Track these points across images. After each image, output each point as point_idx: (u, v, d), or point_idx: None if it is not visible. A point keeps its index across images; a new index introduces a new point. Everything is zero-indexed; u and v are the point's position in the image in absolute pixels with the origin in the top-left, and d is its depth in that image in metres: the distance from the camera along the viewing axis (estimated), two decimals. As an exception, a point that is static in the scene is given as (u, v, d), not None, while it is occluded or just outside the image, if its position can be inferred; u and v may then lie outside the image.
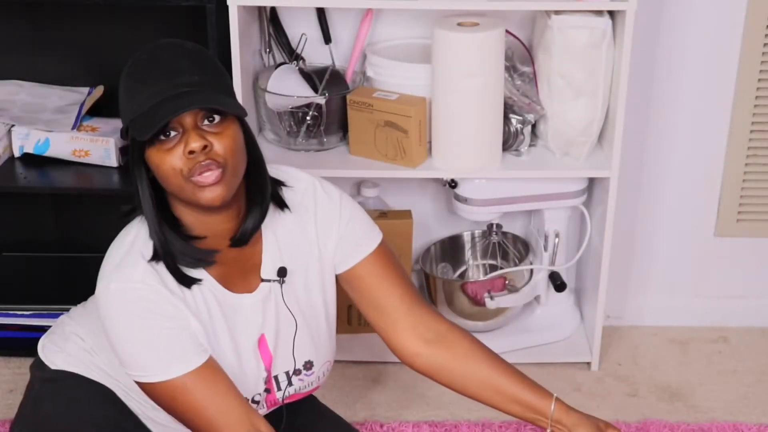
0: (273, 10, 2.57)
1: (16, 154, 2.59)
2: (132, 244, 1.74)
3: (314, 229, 1.85)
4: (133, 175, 1.71)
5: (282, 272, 1.82)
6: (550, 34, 2.41)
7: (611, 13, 2.40)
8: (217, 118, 1.66)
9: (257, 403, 1.85)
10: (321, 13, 2.57)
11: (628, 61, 2.38)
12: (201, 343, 1.74)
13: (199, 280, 1.75)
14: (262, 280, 1.81)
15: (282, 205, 1.82)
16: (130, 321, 1.70)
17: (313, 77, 2.53)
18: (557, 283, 2.67)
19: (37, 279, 2.80)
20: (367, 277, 1.87)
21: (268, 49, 2.61)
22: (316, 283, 1.88)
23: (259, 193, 1.77)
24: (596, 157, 2.55)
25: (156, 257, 1.72)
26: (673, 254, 2.86)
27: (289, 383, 1.87)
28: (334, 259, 1.88)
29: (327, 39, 2.59)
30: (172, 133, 1.64)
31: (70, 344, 1.94)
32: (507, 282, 2.66)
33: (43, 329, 2.06)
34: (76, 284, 2.24)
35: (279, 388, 1.87)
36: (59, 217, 2.86)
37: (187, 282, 1.74)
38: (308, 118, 2.52)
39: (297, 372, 1.88)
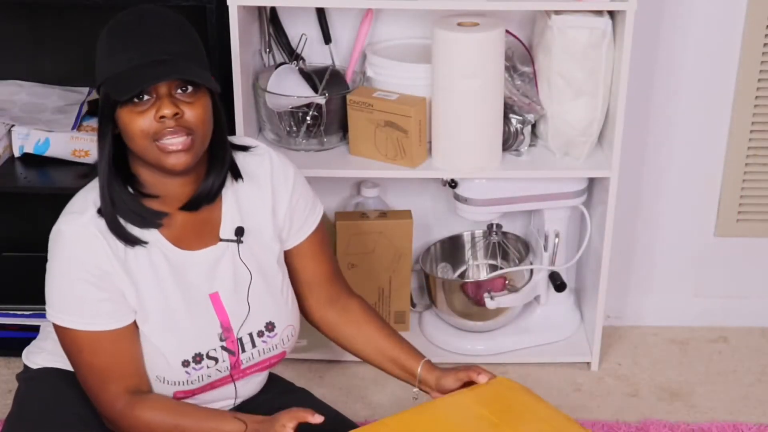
0: (273, 10, 2.57)
1: (16, 154, 2.59)
2: (88, 192, 1.81)
3: (270, 196, 1.92)
4: (99, 130, 1.77)
5: (239, 231, 1.87)
6: (550, 34, 2.41)
7: (611, 13, 2.40)
8: (190, 88, 1.73)
9: (215, 360, 1.86)
10: (321, 13, 2.57)
11: (628, 61, 2.38)
12: (125, 307, 1.79)
13: (144, 242, 1.79)
14: (221, 240, 1.86)
15: (237, 175, 1.88)
16: (66, 264, 1.78)
17: (313, 77, 2.53)
18: (557, 283, 2.67)
19: (37, 279, 2.78)
20: (305, 256, 1.98)
21: (268, 49, 2.61)
22: (273, 246, 1.92)
23: (219, 162, 1.83)
24: (596, 157, 2.55)
25: (101, 212, 1.77)
26: (673, 254, 2.86)
27: (253, 344, 1.90)
28: (281, 234, 1.94)
29: (327, 39, 2.59)
30: (146, 97, 1.71)
31: (48, 342, 1.97)
32: (507, 282, 2.66)
33: (43, 329, 2.07)
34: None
35: (243, 350, 1.89)
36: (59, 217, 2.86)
37: (130, 241, 1.78)
38: (308, 118, 2.52)
39: (260, 333, 1.90)
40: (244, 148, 1.92)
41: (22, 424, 1.91)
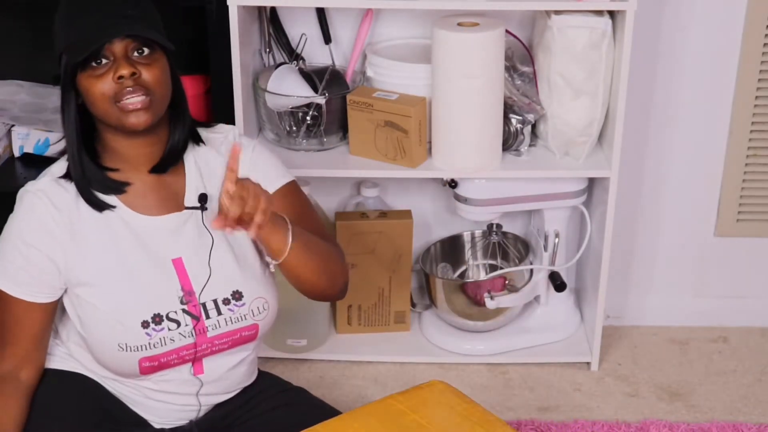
0: (273, 10, 2.58)
1: (16, 154, 2.59)
2: (53, 166, 1.89)
3: None
4: (62, 100, 1.84)
5: (203, 198, 1.91)
6: (550, 34, 2.41)
7: (611, 13, 2.40)
8: (146, 50, 1.79)
9: (177, 322, 1.87)
10: (321, 13, 2.57)
11: (628, 61, 2.38)
12: (45, 286, 1.84)
13: (112, 206, 1.85)
14: (186, 208, 1.90)
15: (198, 139, 1.94)
16: (11, 223, 1.86)
17: (313, 77, 2.53)
18: (557, 283, 2.67)
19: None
20: None
21: (268, 49, 2.61)
22: None
23: (180, 122, 1.89)
24: (596, 157, 2.55)
25: (68, 176, 1.84)
26: (673, 254, 2.86)
27: (218, 312, 1.90)
28: None
29: (327, 39, 2.59)
30: (104, 61, 1.77)
31: None
32: (507, 282, 2.66)
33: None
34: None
35: (208, 316, 1.89)
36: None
37: (99, 206, 1.84)
38: (308, 118, 2.52)
39: (226, 301, 1.90)
40: (207, 125, 1.99)
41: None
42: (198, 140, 1.94)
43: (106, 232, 1.85)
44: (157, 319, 1.86)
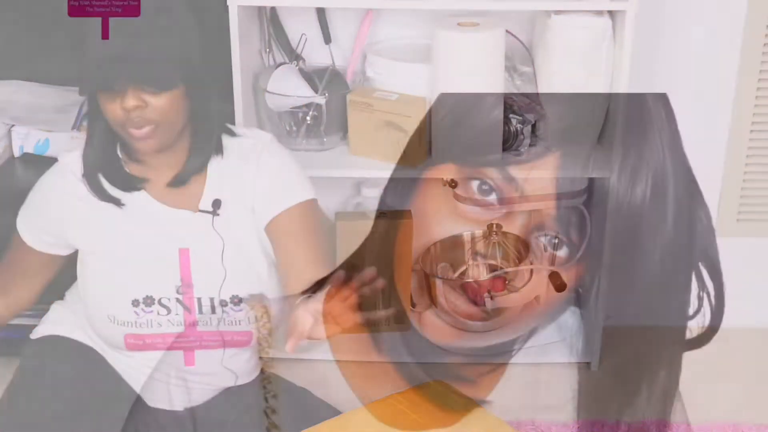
0: (273, 10, 2.58)
1: (16, 154, 2.59)
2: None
3: (255, 169, 1.93)
4: (88, 107, 1.88)
5: (216, 204, 1.91)
6: (550, 34, 2.41)
7: (611, 13, 2.40)
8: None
9: (167, 309, 1.90)
10: (321, 13, 2.57)
11: (628, 61, 2.38)
12: (55, 239, 1.94)
13: (122, 204, 1.89)
14: (200, 211, 1.91)
15: (219, 150, 1.93)
16: (42, 179, 1.96)
17: (313, 77, 2.53)
18: (557, 283, 2.67)
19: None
20: (280, 233, 1.93)
21: (268, 49, 2.61)
22: (250, 224, 1.93)
23: (203, 150, 1.90)
24: (596, 157, 2.54)
25: (83, 173, 1.90)
26: (673, 254, 2.86)
27: (212, 311, 1.92)
28: (260, 209, 1.93)
29: (327, 39, 2.59)
30: (115, 88, 1.78)
31: (50, 313, 2.07)
32: (507, 282, 2.66)
33: (43, 329, 2.09)
34: (76, 284, 2.24)
35: (201, 312, 1.91)
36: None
37: (107, 199, 1.89)
38: (308, 118, 2.52)
39: (223, 303, 1.92)
40: (238, 130, 1.99)
41: (21, 397, 1.95)
42: (220, 152, 1.93)
43: (123, 212, 1.89)
44: (148, 301, 1.89)
